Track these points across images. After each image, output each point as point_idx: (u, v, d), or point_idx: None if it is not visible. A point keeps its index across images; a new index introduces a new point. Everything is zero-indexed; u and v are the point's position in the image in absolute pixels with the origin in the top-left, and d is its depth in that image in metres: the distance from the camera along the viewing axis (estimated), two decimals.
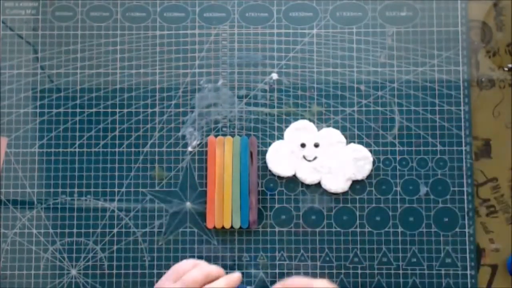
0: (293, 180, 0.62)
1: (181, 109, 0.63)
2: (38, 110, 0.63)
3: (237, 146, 0.61)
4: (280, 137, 0.62)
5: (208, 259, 0.61)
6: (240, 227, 0.60)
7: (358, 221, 0.61)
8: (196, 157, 0.62)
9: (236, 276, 0.54)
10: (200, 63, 0.64)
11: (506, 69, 0.63)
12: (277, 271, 0.60)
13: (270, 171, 0.62)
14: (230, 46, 0.64)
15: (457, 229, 0.61)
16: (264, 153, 0.62)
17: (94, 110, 0.63)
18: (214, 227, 0.61)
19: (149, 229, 0.61)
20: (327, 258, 0.60)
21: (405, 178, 0.61)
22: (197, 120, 0.63)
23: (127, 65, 0.63)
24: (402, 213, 0.61)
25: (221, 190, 0.61)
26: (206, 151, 0.62)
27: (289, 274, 0.60)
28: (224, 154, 0.61)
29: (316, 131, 0.62)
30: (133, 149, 0.62)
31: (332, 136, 0.62)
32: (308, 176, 0.61)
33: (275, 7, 0.64)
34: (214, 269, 0.54)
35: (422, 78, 0.63)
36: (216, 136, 0.62)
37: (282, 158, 0.61)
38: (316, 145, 0.62)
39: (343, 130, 0.62)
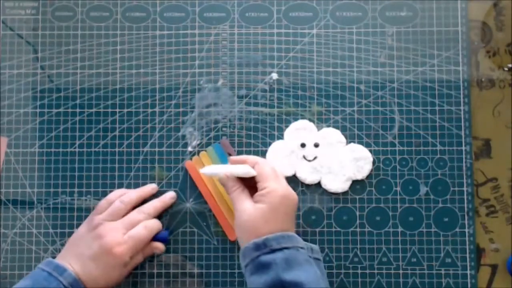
0: (293, 180, 0.62)
1: (181, 109, 0.63)
2: (38, 110, 0.63)
3: (215, 155, 0.61)
4: (280, 137, 0.62)
5: (208, 259, 0.61)
6: None
7: (358, 221, 0.61)
8: (196, 157, 0.62)
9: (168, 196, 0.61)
10: (200, 63, 0.64)
11: (506, 69, 0.63)
12: None
13: None
14: (230, 46, 0.64)
15: (457, 229, 0.61)
16: (264, 153, 0.62)
17: (94, 110, 0.63)
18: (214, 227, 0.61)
19: None
20: (327, 258, 0.60)
21: (405, 178, 0.61)
22: (197, 120, 0.63)
23: (127, 65, 0.63)
24: (402, 213, 0.61)
25: (222, 200, 0.60)
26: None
27: None
28: None
29: (316, 131, 0.62)
30: (133, 149, 0.62)
31: (332, 136, 0.62)
32: (308, 176, 0.61)
33: (275, 7, 0.64)
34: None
35: (422, 78, 0.63)
36: (216, 136, 0.62)
37: (282, 158, 0.61)
38: (316, 145, 0.62)
39: (343, 130, 0.62)
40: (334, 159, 0.61)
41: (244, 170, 0.54)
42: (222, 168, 0.57)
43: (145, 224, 0.57)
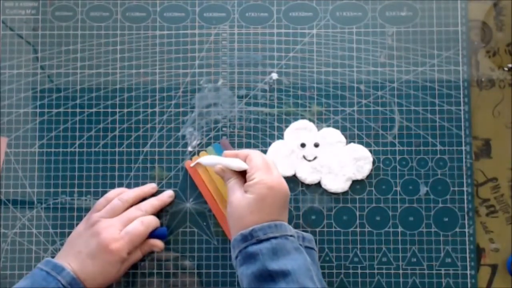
0: (293, 180, 0.62)
1: (181, 109, 0.63)
2: (38, 110, 0.63)
3: (214, 155, 0.61)
4: (280, 137, 0.62)
5: (208, 259, 0.61)
6: None
7: (358, 221, 0.61)
8: (196, 157, 0.62)
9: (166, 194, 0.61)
10: (200, 63, 0.64)
11: (506, 69, 0.63)
12: None
13: None
14: (230, 46, 0.64)
15: (457, 229, 0.61)
16: (264, 153, 0.62)
17: (94, 110, 0.63)
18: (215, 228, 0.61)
19: None
20: (327, 258, 0.60)
21: (405, 178, 0.61)
22: (197, 120, 0.63)
23: (127, 65, 0.63)
24: (402, 213, 0.61)
25: (222, 200, 0.60)
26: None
27: None
28: (207, 169, 0.61)
29: (316, 131, 0.62)
30: (133, 149, 0.62)
31: (332, 136, 0.62)
32: (308, 176, 0.61)
33: (275, 7, 0.64)
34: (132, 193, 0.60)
35: (422, 78, 0.63)
36: (216, 136, 0.62)
37: (282, 158, 0.61)
38: (316, 145, 0.62)
39: (343, 130, 0.62)
40: (334, 159, 0.61)
41: (237, 164, 0.55)
42: (218, 160, 0.57)
43: (141, 219, 0.57)
